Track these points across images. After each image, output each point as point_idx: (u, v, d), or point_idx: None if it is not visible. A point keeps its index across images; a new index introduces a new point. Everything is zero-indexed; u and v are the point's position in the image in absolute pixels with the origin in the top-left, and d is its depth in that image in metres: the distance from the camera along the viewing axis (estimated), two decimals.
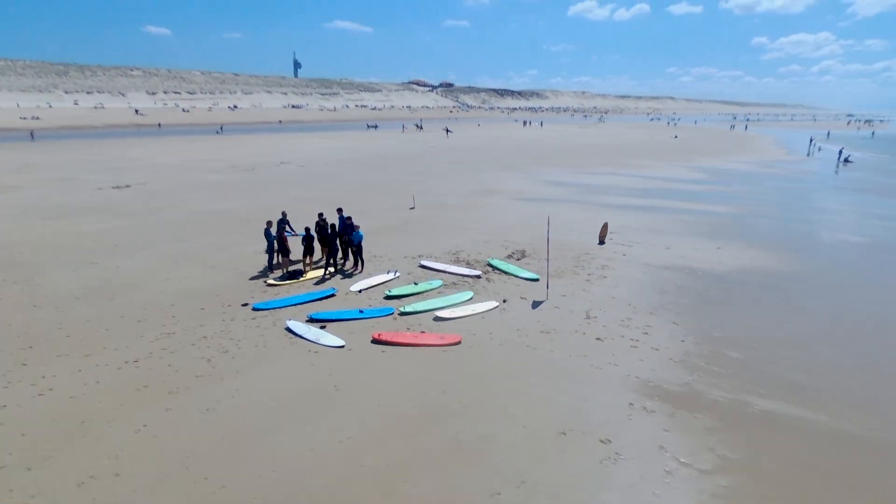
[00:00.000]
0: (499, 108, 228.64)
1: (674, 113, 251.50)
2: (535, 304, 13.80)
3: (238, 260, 17.15)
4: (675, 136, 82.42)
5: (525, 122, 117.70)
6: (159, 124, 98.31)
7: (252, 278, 15.55)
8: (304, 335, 11.68)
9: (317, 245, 16.03)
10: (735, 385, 9.92)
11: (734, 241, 20.49)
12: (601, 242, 20.05)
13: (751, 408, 9.20)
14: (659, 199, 29.59)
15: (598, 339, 11.84)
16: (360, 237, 15.91)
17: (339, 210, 17.63)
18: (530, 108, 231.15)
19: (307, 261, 15.89)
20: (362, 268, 16.19)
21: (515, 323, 12.64)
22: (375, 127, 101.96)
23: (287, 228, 16.64)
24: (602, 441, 8.23)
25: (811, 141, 68.46)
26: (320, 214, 16.98)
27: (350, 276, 15.88)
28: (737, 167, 45.94)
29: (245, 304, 13.47)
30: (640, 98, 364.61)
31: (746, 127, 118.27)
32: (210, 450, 7.89)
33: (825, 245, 20.55)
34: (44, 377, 9.86)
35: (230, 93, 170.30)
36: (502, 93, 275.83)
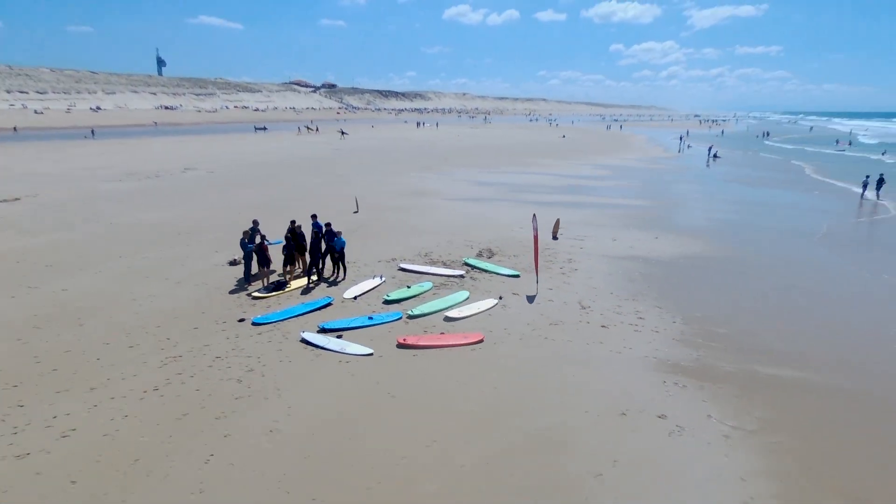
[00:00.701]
0: (385, 109, 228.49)
1: (550, 113, 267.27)
2: (531, 299, 14.47)
3: (202, 274, 16.02)
4: (563, 136, 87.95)
5: (419, 123, 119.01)
6: (14, 128, 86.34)
7: (231, 292, 14.66)
8: (325, 346, 11.36)
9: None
10: (737, 357, 11.26)
11: (663, 230, 22.68)
12: (554, 238, 21.24)
13: (759, 374, 10.54)
14: (580, 196, 31.72)
15: (602, 326, 12.75)
16: (343, 243, 15.61)
17: (314, 216, 17.05)
18: (416, 109, 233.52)
19: (288, 270, 15.27)
20: (345, 275, 15.87)
21: (521, 318, 13.20)
22: (264, 129, 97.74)
23: (262, 238, 15.84)
24: (659, 417, 9.04)
25: (681, 139, 76.60)
26: (293, 222, 16.43)
27: (334, 283, 15.51)
28: (629, 164, 50.26)
29: (241, 320, 12.73)
30: (516, 100, 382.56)
31: (621, 127, 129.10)
32: (303, 470, 7.58)
33: (735, 230, 23.38)
34: (55, 417, 8.75)
35: (89, 92, 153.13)
36: (386, 94, 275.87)
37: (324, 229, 15.81)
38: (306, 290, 14.93)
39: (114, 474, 7.45)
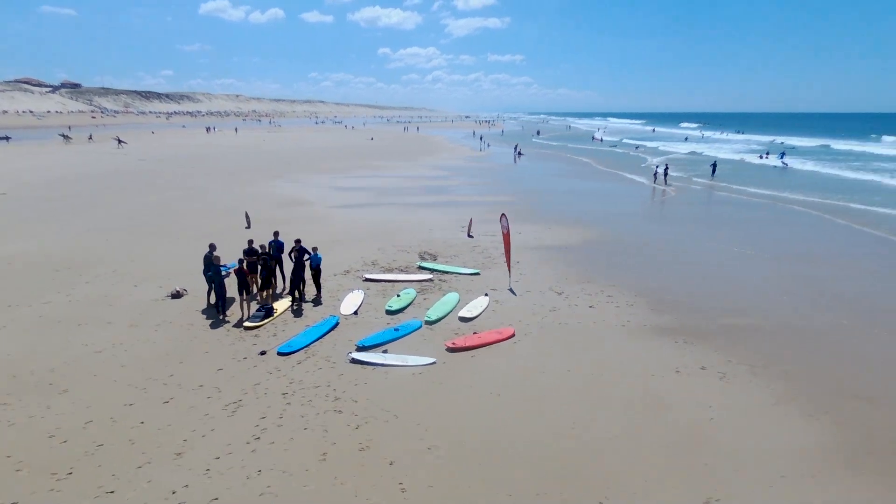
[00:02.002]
0: (150, 112, 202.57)
1: (335, 116, 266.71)
2: (513, 292, 15.81)
3: (151, 312, 13.89)
4: (372, 139, 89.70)
5: (209, 128, 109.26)
6: None
7: (213, 326, 13.13)
8: (384, 362, 11.24)
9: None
10: (704, 316, 14.16)
11: (548, 222, 25.80)
12: (470, 236, 22.78)
13: (727, 325, 13.52)
14: (446, 195, 33.75)
15: (590, 307, 14.73)
16: (320, 259, 14.99)
17: (276, 234, 15.94)
18: (188, 113, 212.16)
19: (268, 293, 14.17)
20: (320, 291, 15.25)
21: (521, 309, 14.48)
22: (7, 139, 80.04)
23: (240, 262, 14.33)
24: (703, 368, 11.24)
25: (481, 139, 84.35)
26: (250, 242, 15.21)
27: (318, 302, 14.84)
28: (456, 163, 54.15)
29: (263, 352, 11.70)
30: (294, 101, 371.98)
31: (418, 129, 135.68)
32: (506, 474, 7.92)
33: (597, 217, 27.62)
34: (174, 492, 7.47)
35: None
36: (147, 95, 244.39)
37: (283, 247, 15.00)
38: (297, 313, 14.07)
39: None
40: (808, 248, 21.52)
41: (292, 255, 15.12)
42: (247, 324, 13.09)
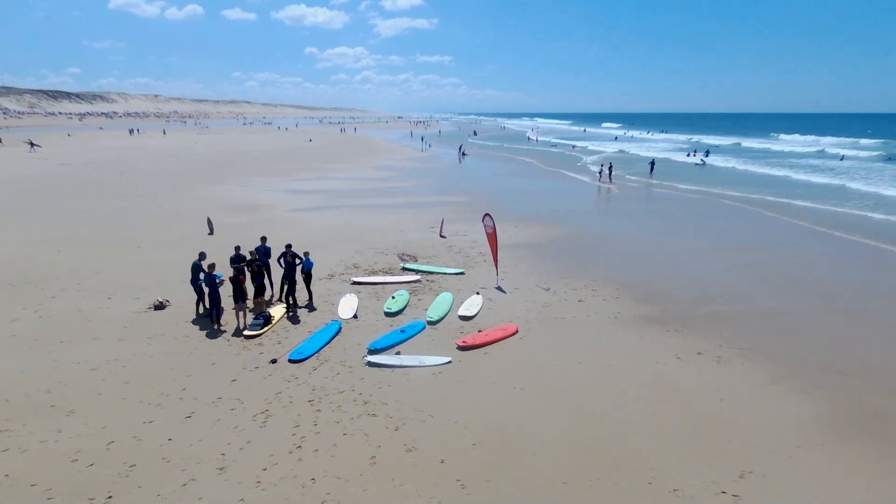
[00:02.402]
0: (61, 113, 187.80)
1: (264, 116, 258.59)
2: (503, 290, 16.20)
3: (137, 326, 13.23)
4: (310, 140, 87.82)
5: (132, 130, 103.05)
6: None
7: (210, 336, 12.70)
8: (400, 364, 11.30)
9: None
10: (683, 305, 15.12)
11: (512, 220, 26.43)
12: (442, 236, 23.01)
13: (709, 313, 14.52)
14: (402, 196, 33.75)
15: (579, 301, 15.36)
16: (311, 264, 14.77)
17: (263, 239, 15.52)
18: (104, 114, 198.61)
19: (259, 301, 13.81)
20: (312, 296, 15.02)
21: (515, 306, 14.89)
22: None
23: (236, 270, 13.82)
24: (699, 353, 12.05)
25: (422, 139, 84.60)
26: (237, 248, 14.84)
27: (311, 307, 14.61)
28: (402, 164, 54.15)
29: (274, 361, 11.45)
30: (218, 102, 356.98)
31: (355, 129, 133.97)
32: (565, 463, 8.24)
33: (554, 214, 28.58)
34: None
35: None
36: (54, 95, 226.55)
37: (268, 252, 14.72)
38: (294, 319, 13.81)
39: None
40: (751, 239, 23.28)
41: (282, 260, 14.83)
42: (246, 333, 12.72)
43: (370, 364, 11.28)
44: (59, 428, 8.91)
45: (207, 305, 13.42)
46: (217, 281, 13.09)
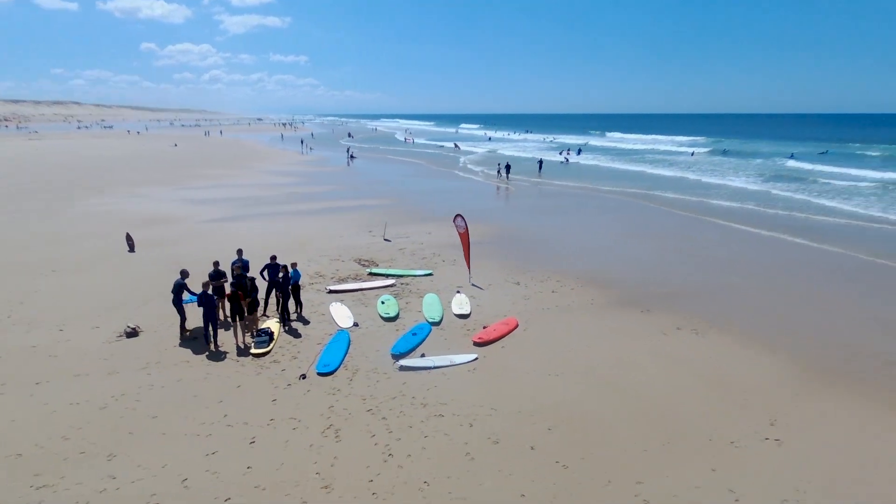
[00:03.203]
0: None
1: (102, 119, 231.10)
2: (481, 288, 16.88)
3: (124, 354, 11.97)
4: (176, 145, 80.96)
5: None
6: None
7: (213, 358, 11.89)
8: (434, 365, 11.56)
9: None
10: (642, 288, 16.91)
11: (441, 221, 27.04)
12: (387, 239, 23.10)
13: (667, 294, 16.43)
14: (319, 202, 32.92)
15: (553, 291, 16.56)
16: (299, 276, 14.32)
17: (240, 252, 14.64)
18: None
19: (255, 317, 13.13)
20: (301, 308, 14.57)
21: (499, 301, 15.67)
22: None
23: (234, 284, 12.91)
24: (678, 329, 13.74)
25: (302, 142, 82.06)
26: (216, 263, 14.02)
27: (305, 320, 14.18)
28: (294, 169, 52.36)
29: (303, 376, 11.10)
30: (40, 103, 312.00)
31: (221, 132, 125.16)
32: (649, 440, 9.16)
33: (477, 212, 29.77)
34: None
35: None
36: None
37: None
38: (294, 333, 13.34)
39: None
40: (651, 227, 26.34)
41: (265, 273, 14.23)
42: (254, 351, 12.08)
43: (403, 368, 11.38)
44: (109, 474, 8.00)
45: (183, 324, 12.54)
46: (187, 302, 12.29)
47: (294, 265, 14.16)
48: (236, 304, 12.33)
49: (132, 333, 12.92)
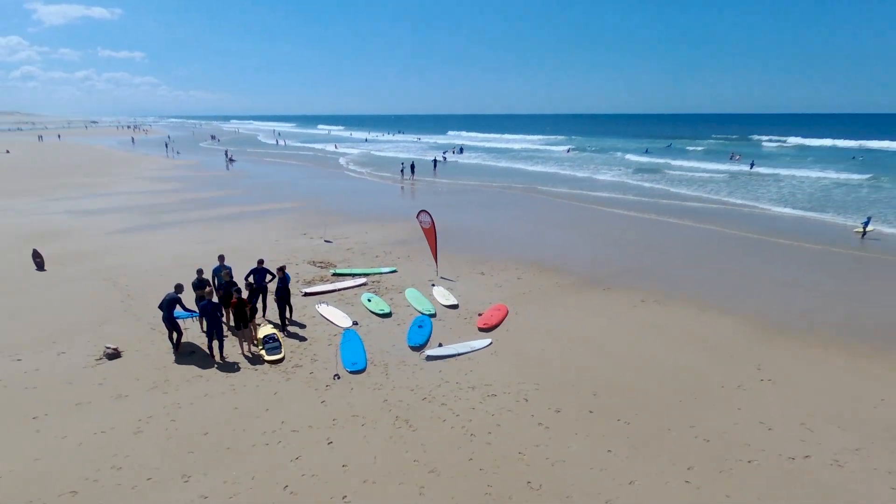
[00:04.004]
0: None
1: None
2: (449, 279, 17.50)
3: (119, 378, 10.88)
4: (8, 152, 69.99)
5: None
6: None
7: (228, 370, 11.27)
8: (456, 352, 12.06)
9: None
10: (592, 270, 18.64)
11: (363, 221, 27.19)
12: (328, 241, 22.73)
13: (615, 273, 18.31)
14: (227, 207, 30.97)
15: (518, 278, 17.69)
16: (289, 279, 13.89)
17: (221, 258, 13.74)
18: None
19: (253, 324, 12.56)
20: (292, 312, 14.14)
21: (476, 290, 16.40)
22: None
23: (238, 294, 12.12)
24: (642, 301, 15.58)
25: (166, 146, 75.43)
26: (200, 272, 13.23)
27: (301, 324, 13.80)
28: (173, 174, 48.28)
29: (337, 376, 11.00)
30: None
31: (59, 136, 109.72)
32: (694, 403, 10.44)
33: (396, 210, 30.14)
34: None
35: None
36: None
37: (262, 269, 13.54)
38: (300, 337, 12.98)
39: None
40: (571, 218, 28.73)
41: (250, 278, 13.66)
42: (269, 358, 11.63)
43: (430, 358, 11.72)
44: (200, 494, 7.53)
45: (174, 338, 11.80)
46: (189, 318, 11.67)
47: (283, 268, 13.67)
48: (241, 311, 11.72)
49: (114, 355, 11.70)
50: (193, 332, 12.75)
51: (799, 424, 9.27)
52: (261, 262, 13.92)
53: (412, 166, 45.45)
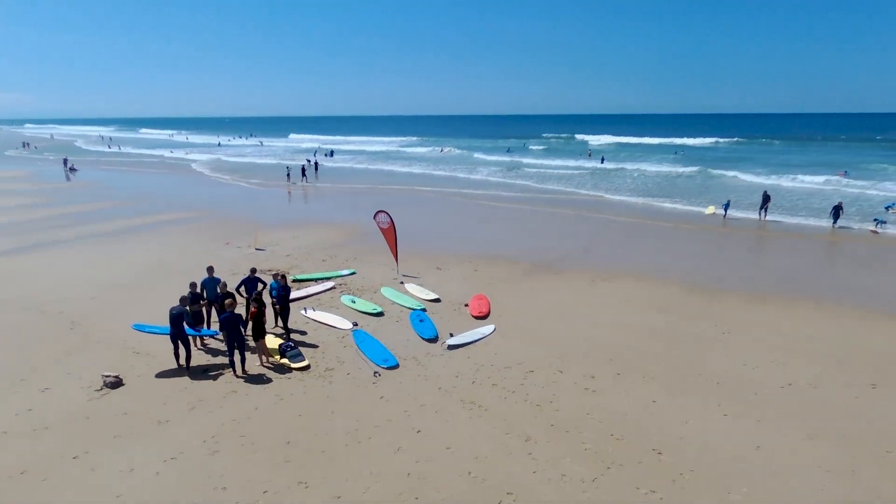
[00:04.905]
0: None
1: None
2: (413, 276, 18.05)
3: (148, 404, 10.01)
4: None
5: None
6: None
7: (261, 381, 10.93)
8: (472, 339, 12.86)
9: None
10: (537, 257, 20.40)
11: (285, 228, 26.44)
12: (260, 249, 21.83)
13: (562, 258, 20.25)
14: (119, 221, 27.89)
15: (475, 270, 18.82)
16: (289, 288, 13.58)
17: (210, 268, 12.92)
18: None
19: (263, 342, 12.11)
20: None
21: (445, 284, 17.18)
22: None
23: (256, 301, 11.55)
24: (592, 280, 17.65)
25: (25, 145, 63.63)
26: (193, 285, 12.58)
27: (301, 331, 13.55)
28: (7, 187, 41.57)
29: (377, 373, 11.26)
30: None
31: None
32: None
33: (313, 214, 29.64)
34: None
35: None
36: None
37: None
38: (303, 344, 12.79)
39: None
40: (483, 214, 30.30)
41: (241, 289, 13.17)
42: (295, 365, 11.43)
43: (451, 347, 12.40)
44: (333, 495, 7.56)
45: (183, 356, 11.20)
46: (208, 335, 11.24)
47: (275, 276, 13.32)
48: (260, 322, 11.36)
49: (117, 383, 10.63)
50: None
51: (771, 361, 11.62)
52: (253, 270, 13.43)
53: (303, 170, 44.14)
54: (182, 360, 11.22)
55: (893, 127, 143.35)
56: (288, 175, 44.41)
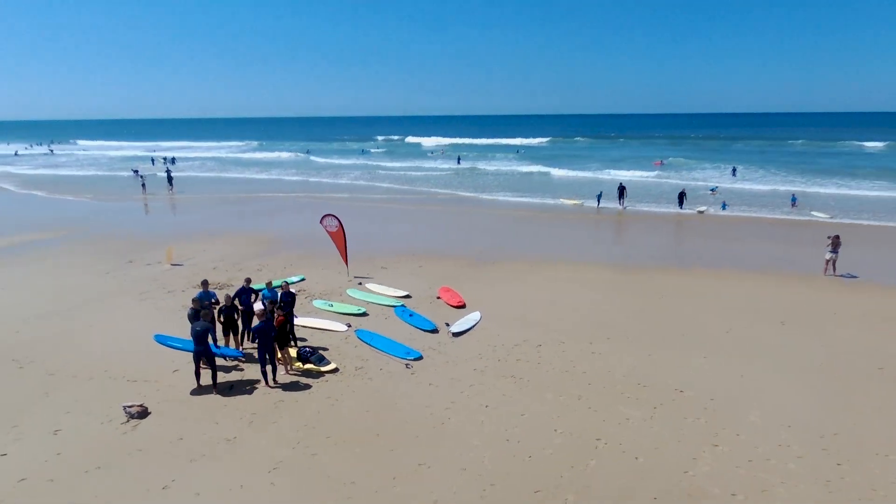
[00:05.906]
0: None
1: None
2: (368, 277, 18.38)
3: (197, 433, 9.51)
4: None
5: None
6: None
7: (299, 388, 10.90)
8: (471, 325, 13.92)
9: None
10: (493, 255, 21.81)
11: (194, 237, 24.67)
12: (177, 264, 20.24)
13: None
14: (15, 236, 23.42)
15: (419, 266, 19.69)
16: (276, 294, 13.32)
17: (205, 282, 12.16)
18: None
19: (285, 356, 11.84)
20: None
21: (402, 281, 17.81)
22: None
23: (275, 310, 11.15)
24: (551, 267, 19.68)
25: None
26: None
27: (301, 338, 13.36)
28: None
29: (408, 366, 11.83)
30: None
31: None
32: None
33: (233, 220, 27.59)
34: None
35: None
36: None
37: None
38: (320, 347, 12.79)
39: None
40: (386, 216, 30.81)
41: (236, 301, 12.80)
42: (324, 369, 11.51)
43: (456, 334, 13.36)
44: (461, 467, 8.25)
45: (210, 375, 10.83)
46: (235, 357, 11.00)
47: (268, 285, 13.08)
48: (284, 331, 11.23)
49: (143, 413, 9.82)
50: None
51: (706, 314, 14.50)
52: (248, 280, 12.95)
53: (170, 178, 40.08)
54: (203, 380, 10.63)
55: (703, 126, 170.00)
56: (143, 185, 39.97)
